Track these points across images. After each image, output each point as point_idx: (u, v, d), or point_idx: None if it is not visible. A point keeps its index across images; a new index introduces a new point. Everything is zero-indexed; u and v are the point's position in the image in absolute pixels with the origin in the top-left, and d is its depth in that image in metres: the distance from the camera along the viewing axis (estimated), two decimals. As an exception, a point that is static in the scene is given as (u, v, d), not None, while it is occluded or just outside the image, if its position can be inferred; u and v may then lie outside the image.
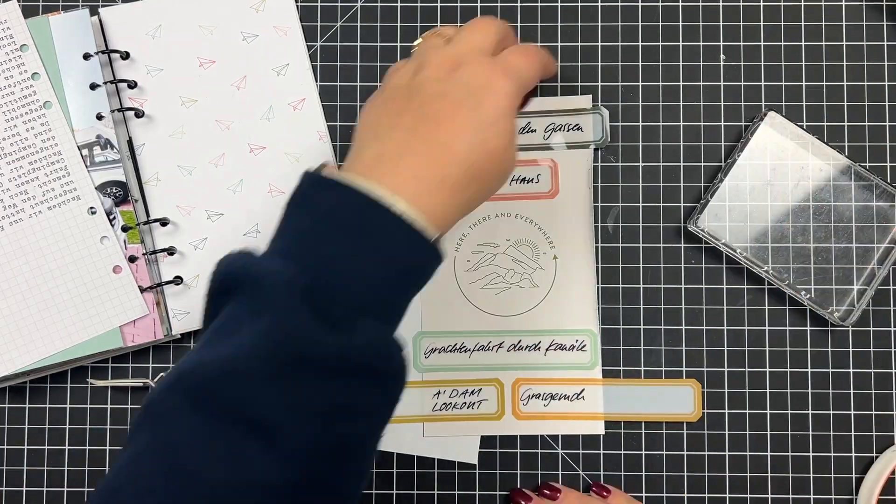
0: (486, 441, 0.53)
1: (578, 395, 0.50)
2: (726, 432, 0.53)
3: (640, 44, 0.55)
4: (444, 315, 0.50)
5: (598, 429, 0.51)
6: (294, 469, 0.30)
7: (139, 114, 0.53)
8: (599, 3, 0.55)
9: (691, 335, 0.53)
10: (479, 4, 0.55)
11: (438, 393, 0.50)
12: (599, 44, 0.55)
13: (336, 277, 0.32)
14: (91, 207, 0.52)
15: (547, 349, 0.50)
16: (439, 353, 0.50)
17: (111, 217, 0.52)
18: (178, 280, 0.53)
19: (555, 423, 0.51)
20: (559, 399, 0.50)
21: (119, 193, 0.52)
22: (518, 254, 0.50)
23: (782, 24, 0.55)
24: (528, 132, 0.51)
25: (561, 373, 0.50)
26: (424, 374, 0.50)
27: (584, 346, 0.50)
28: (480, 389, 0.51)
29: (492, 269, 0.50)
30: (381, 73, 0.55)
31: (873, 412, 0.53)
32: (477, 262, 0.50)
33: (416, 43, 0.44)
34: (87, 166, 0.52)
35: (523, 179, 0.50)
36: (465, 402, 0.50)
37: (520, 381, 0.51)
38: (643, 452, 0.53)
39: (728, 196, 0.53)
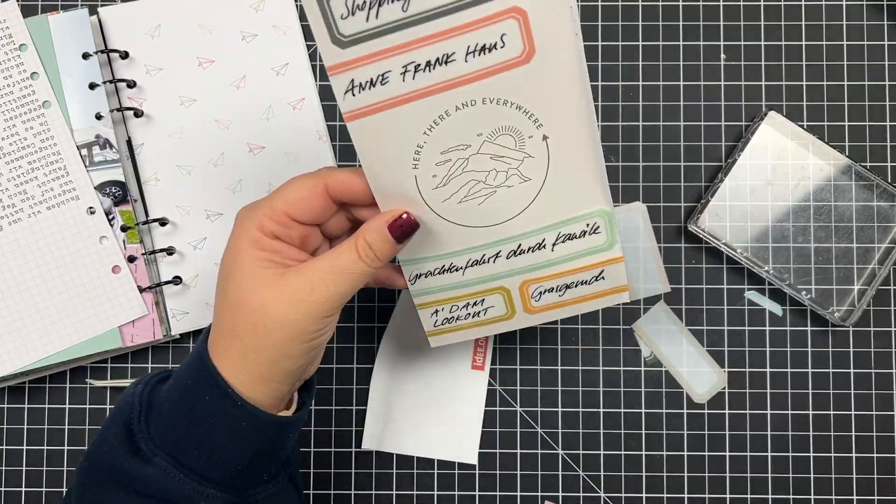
0: (486, 441, 0.53)
1: (598, 276, 0.42)
2: (726, 433, 0.53)
3: (640, 43, 0.55)
4: (421, 244, 0.40)
5: (623, 298, 0.43)
6: None
7: (138, 113, 0.53)
8: (600, 3, 0.55)
9: (691, 335, 0.53)
10: (478, 4, 0.55)
11: (436, 311, 0.43)
12: (600, 43, 0.55)
13: (156, 415, 0.37)
14: (90, 207, 0.52)
15: (554, 244, 0.41)
16: (425, 277, 0.42)
17: (110, 217, 0.52)
18: (177, 280, 0.52)
19: (574, 306, 0.43)
20: (576, 286, 0.42)
21: (118, 193, 0.52)
22: (497, 148, 0.37)
23: (783, 23, 0.55)
24: None
25: (574, 263, 0.41)
26: (416, 297, 0.43)
27: (598, 228, 0.40)
28: (483, 300, 0.43)
29: (467, 178, 0.38)
30: (380, 73, 0.55)
31: (874, 412, 0.53)
32: (446, 174, 0.37)
33: None
34: (86, 166, 0.52)
35: (482, 49, 0.34)
36: (469, 314, 0.43)
37: (527, 282, 0.42)
38: (643, 453, 0.53)
39: (728, 196, 0.52)
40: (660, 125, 0.54)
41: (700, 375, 0.53)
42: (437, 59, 0.34)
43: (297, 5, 0.55)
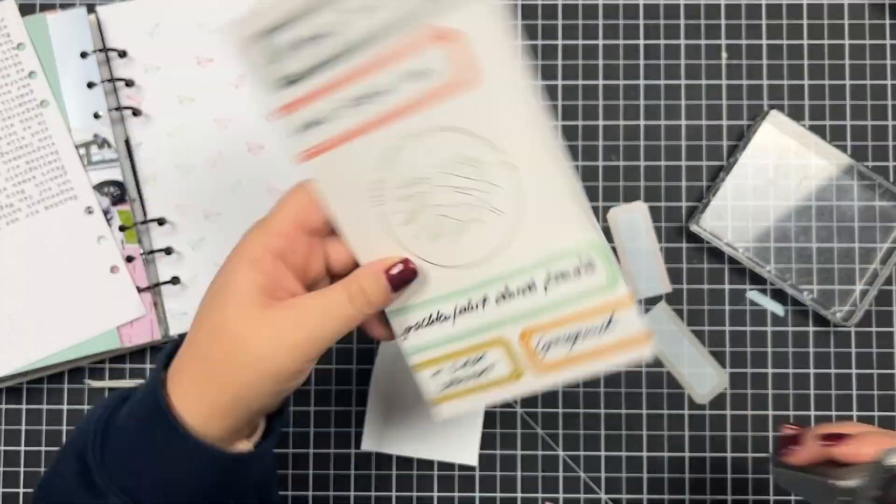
0: (487, 442, 0.53)
1: (607, 324, 0.37)
2: (728, 433, 0.53)
3: (641, 42, 0.54)
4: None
5: (645, 353, 0.36)
6: None
7: (137, 112, 0.53)
8: (601, 2, 0.55)
9: (693, 335, 0.53)
10: (479, 3, 0.55)
11: (437, 372, 0.40)
12: (601, 42, 0.54)
13: (112, 446, 0.35)
14: (88, 207, 0.52)
15: (546, 285, 0.37)
16: (415, 330, 0.39)
17: (108, 217, 0.52)
18: (175, 280, 0.52)
19: (589, 363, 0.37)
20: (586, 337, 0.37)
21: (116, 193, 0.52)
22: (459, 179, 0.35)
23: (784, 22, 0.54)
24: None
25: (573, 307, 0.37)
26: (411, 357, 0.40)
27: (593, 264, 0.36)
28: (483, 356, 0.39)
29: (433, 212, 0.36)
30: (380, 72, 0.55)
31: (875, 413, 0.53)
32: (411, 210, 0.36)
33: None
34: (84, 165, 0.52)
35: (416, 75, 0.33)
36: (472, 373, 0.39)
37: (527, 332, 0.38)
38: (644, 454, 0.53)
39: (730, 195, 0.52)
40: (661, 124, 0.54)
41: (701, 376, 0.53)
42: (374, 92, 0.33)
43: (296, 4, 0.54)
